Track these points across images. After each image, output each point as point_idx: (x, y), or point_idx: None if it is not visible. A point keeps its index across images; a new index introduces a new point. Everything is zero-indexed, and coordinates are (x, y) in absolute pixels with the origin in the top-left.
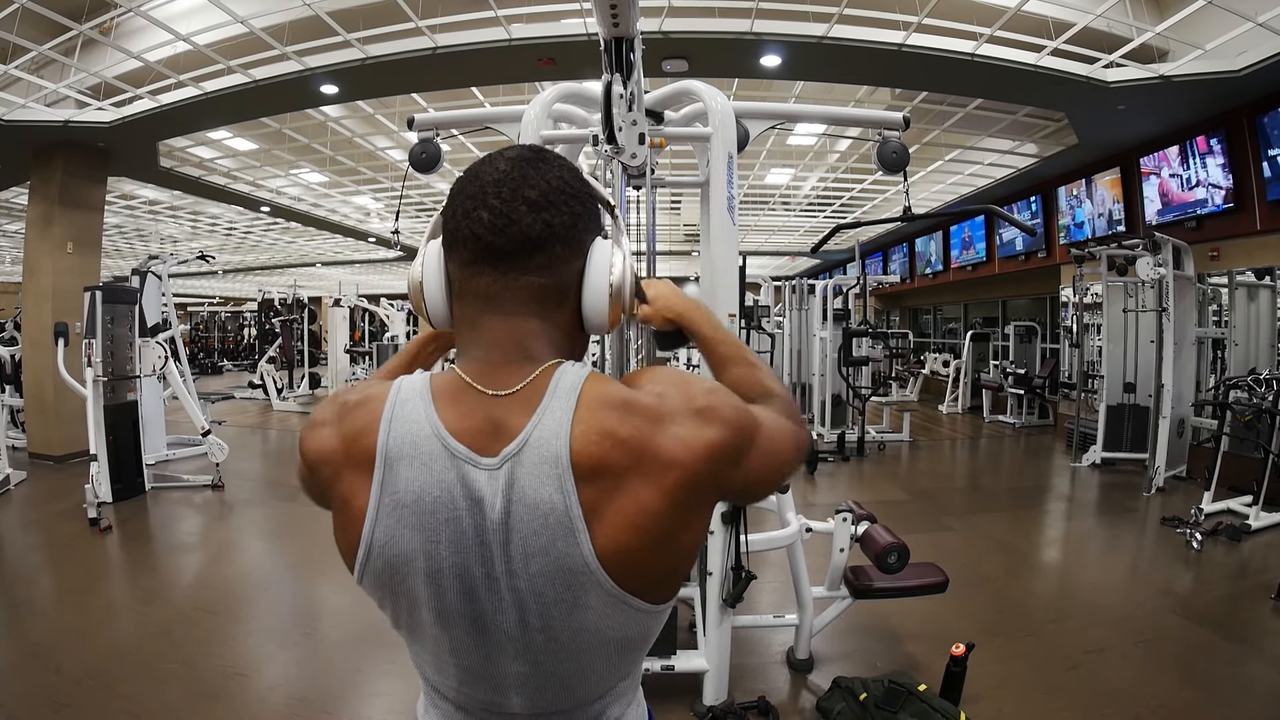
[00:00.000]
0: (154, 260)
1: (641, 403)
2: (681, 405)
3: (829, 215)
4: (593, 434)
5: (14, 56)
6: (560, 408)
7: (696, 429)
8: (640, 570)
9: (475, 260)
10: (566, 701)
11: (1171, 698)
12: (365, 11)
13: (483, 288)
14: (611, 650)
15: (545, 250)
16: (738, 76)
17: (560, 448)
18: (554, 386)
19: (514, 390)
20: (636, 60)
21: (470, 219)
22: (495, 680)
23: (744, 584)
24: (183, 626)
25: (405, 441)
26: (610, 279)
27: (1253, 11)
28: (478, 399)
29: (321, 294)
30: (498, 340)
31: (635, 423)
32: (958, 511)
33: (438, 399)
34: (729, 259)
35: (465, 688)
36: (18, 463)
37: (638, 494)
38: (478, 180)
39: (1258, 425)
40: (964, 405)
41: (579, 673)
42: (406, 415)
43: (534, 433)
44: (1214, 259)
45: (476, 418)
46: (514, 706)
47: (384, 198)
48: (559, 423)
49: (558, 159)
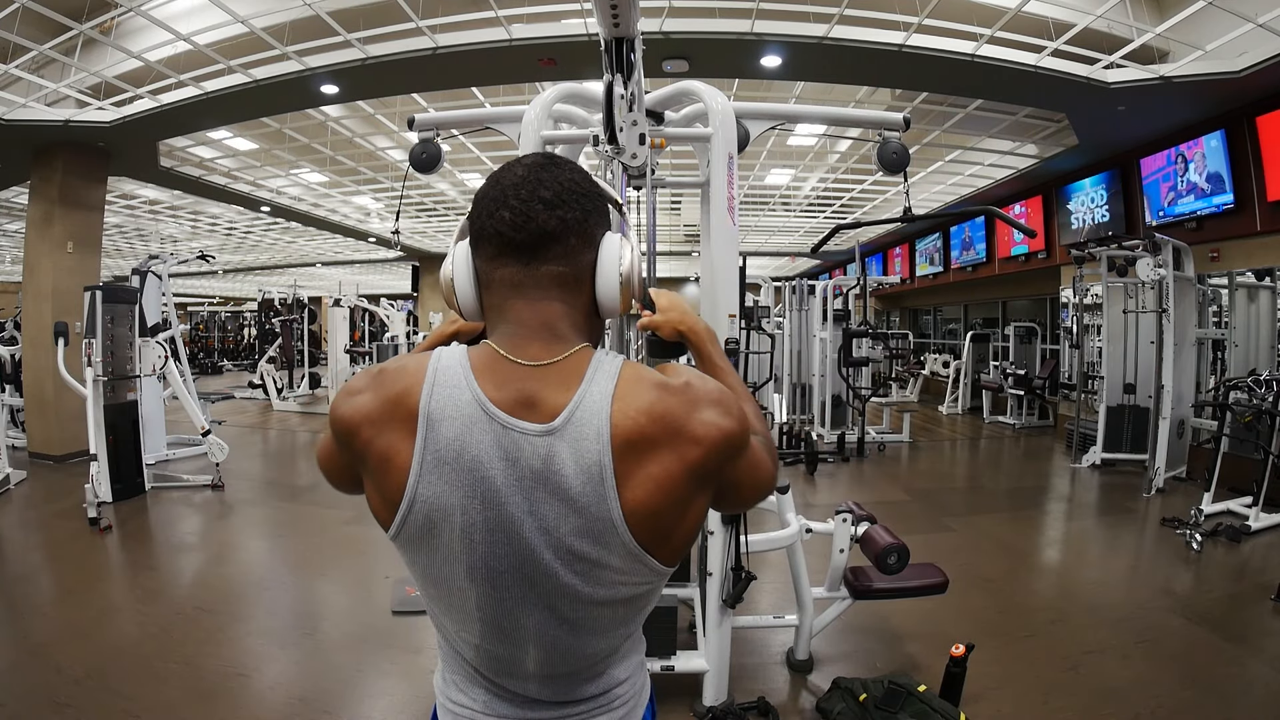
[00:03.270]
0: (154, 260)
1: (674, 385)
2: (704, 395)
3: (829, 216)
4: (630, 410)
5: (14, 56)
6: (601, 390)
7: (716, 416)
8: (657, 527)
9: (500, 254)
10: (578, 659)
11: (1171, 698)
12: (365, 11)
13: (508, 277)
14: (620, 608)
15: (561, 242)
16: (738, 77)
17: (602, 424)
18: (593, 370)
19: (546, 363)
20: (637, 60)
21: (494, 218)
22: (516, 636)
23: (744, 585)
24: (183, 626)
25: (447, 404)
26: (620, 269)
27: (1253, 12)
28: (511, 369)
29: (321, 294)
30: (525, 319)
31: (669, 402)
32: (958, 512)
33: (475, 368)
34: (729, 259)
35: (486, 643)
36: (18, 462)
37: (665, 462)
38: (499, 185)
39: (1257, 426)
40: (964, 406)
41: (591, 627)
42: (448, 381)
43: (577, 411)
44: (1214, 260)
45: (511, 387)
46: (530, 664)
47: (384, 198)
48: (601, 403)
49: (569, 164)
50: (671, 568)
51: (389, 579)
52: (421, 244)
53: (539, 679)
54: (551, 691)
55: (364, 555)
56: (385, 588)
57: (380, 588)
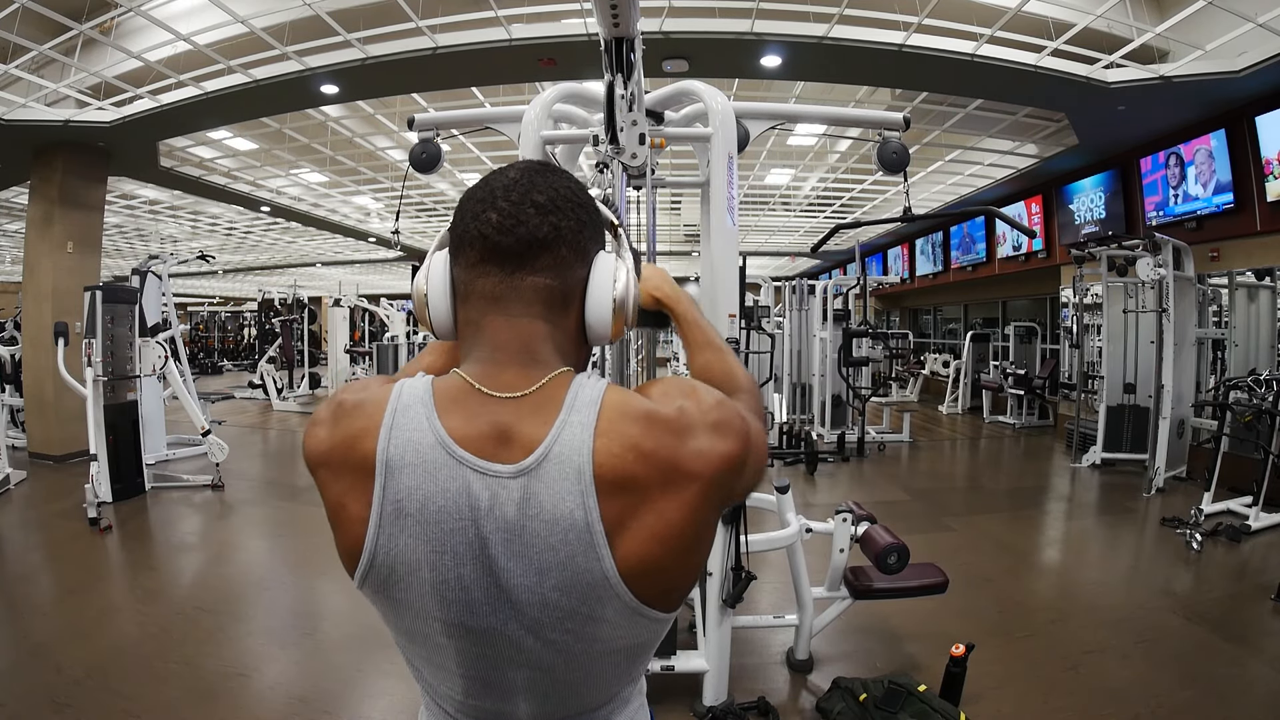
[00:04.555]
0: (154, 260)
1: (663, 415)
2: (699, 418)
3: (829, 215)
4: (616, 447)
5: (14, 56)
6: (581, 421)
7: (712, 442)
8: (659, 581)
9: (482, 260)
10: (574, 707)
11: (1171, 698)
12: (365, 11)
13: (488, 288)
14: (620, 658)
15: (551, 251)
16: (738, 77)
17: (583, 462)
18: (573, 398)
19: (521, 394)
20: (637, 60)
21: (479, 220)
22: (503, 689)
23: (744, 584)
24: (183, 626)
25: (407, 449)
26: (614, 293)
27: (1253, 12)
28: (482, 402)
29: (321, 294)
30: (502, 342)
31: (659, 436)
32: (958, 512)
33: (439, 404)
34: (729, 259)
35: (472, 699)
36: (18, 462)
37: (661, 508)
38: (487, 186)
39: (1257, 426)
40: (964, 406)
41: (587, 679)
42: (408, 422)
43: (554, 447)
44: (1214, 259)
45: (481, 422)
46: (521, 715)
47: (384, 198)
48: (581, 437)
49: (565, 172)
50: (676, 611)
51: None
52: (421, 244)
53: None
54: None
55: None
56: None
57: None
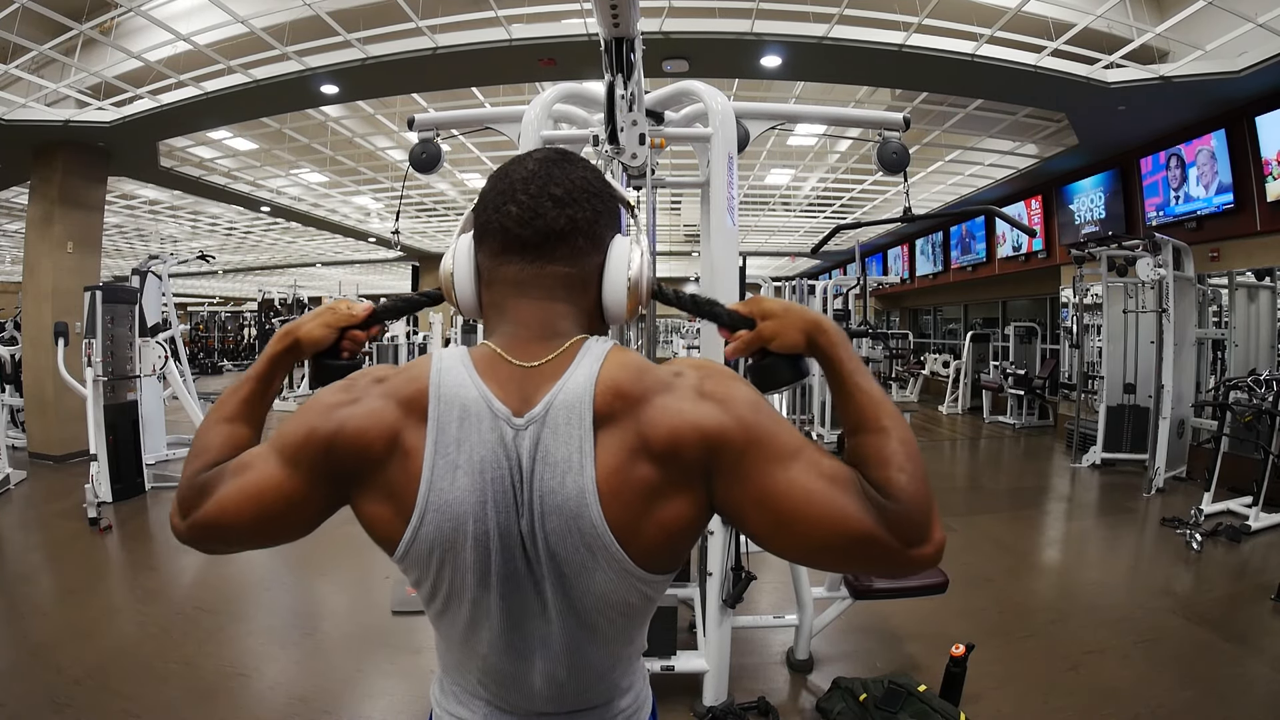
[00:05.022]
0: (154, 260)
1: (655, 372)
2: (692, 384)
3: (829, 216)
4: (607, 391)
5: (14, 56)
6: (585, 372)
7: (692, 404)
8: (639, 536)
9: (504, 250)
10: (582, 671)
11: (1171, 698)
12: (365, 11)
13: (511, 275)
14: (617, 615)
15: (568, 242)
16: (738, 77)
17: (584, 409)
18: (582, 354)
19: (544, 361)
20: (637, 60)
21: (500, 213)
22: (522, 649)
23: (744, 584)
24: (183, 626)
25: (455, 404)
26: (629, 274)
27: (1253, 12)
28: (510, 370)
29: (321, 294)
30: (525, 320)
31: (644, 384)
32: (958, 512)
33: (478, 367)
34: (729, 259)
35: (493, 656)
36: (18, 462)
37: (635, 453)
38: (507, 178)
39: (1257, 426)
40: (964, 406)
41: (591, 637)
42: (453, 380)
43: (559, 395)
44: (1214, 260)
45: (511, 386)
46: (535, 678)
47: (384, 198)
48: (584, 385)
49: (582, 161)
50: (653, 575)
51: (389, 579)
52: (421, 244)
53: (544, 695)
54: (556, 704)
55: (364, 555)
56: (385, 588)
57: (380, 588)
